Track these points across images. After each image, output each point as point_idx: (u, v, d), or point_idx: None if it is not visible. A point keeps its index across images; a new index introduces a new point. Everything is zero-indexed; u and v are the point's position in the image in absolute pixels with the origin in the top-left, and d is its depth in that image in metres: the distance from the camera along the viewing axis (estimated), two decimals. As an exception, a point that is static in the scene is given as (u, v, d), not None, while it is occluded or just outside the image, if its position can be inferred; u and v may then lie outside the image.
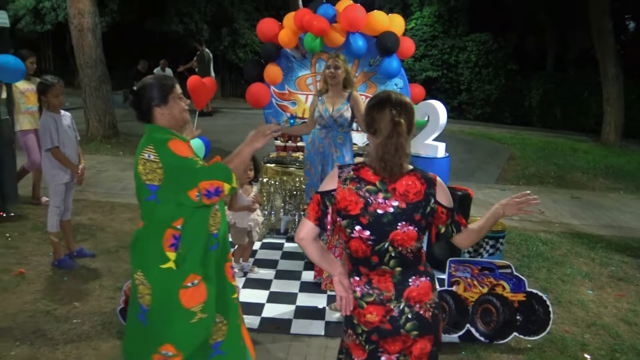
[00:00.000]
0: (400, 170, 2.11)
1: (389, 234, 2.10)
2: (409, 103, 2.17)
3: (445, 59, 18.64)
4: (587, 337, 4.01)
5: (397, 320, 2.13)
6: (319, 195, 2.17)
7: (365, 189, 2.10)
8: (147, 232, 2.60)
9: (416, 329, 2.15)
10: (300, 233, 2.18)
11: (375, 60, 6.15)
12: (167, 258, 2.54)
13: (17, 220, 5.83)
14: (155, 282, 2.56)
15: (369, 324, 2.16)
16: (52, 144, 4.50)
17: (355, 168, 2.16)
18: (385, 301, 2.14)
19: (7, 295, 4.19)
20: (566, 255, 5.71)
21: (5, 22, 6.14)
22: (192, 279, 2.58)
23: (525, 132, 15.16)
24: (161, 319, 2.58)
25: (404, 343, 2.16)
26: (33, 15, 17.38)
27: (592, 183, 9.37)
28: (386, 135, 2.08)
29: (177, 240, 2.54)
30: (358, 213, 2.09)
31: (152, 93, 2.57)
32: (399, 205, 2.09)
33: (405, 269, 2.16)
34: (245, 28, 19.00)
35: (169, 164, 2.46)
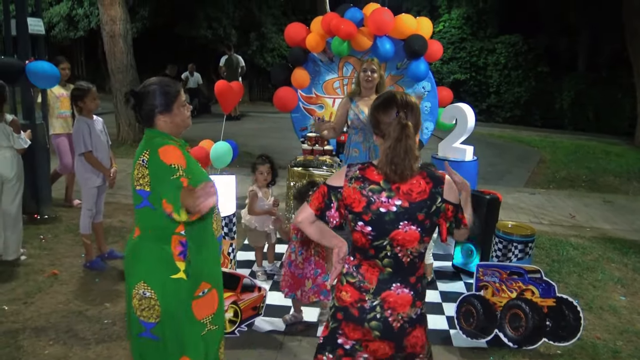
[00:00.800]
0: (412, 172, 2.10)
1: (390, 233, 2.11)
2: (415, 103, 2.17)
3: (473, 61, 18.48)
4: (619, 344, 3.93)
5: (365, 312, 2.17)
6: (325, 187, 2.21)
7: (369, 188, 2.12)
8: (148, 240, 2.47)
9: (378, 331, 2.17)
10: (298, 217, 2.23)
11: (402, 63, 6.14)
12: (177, 268, 2.44)
13: (50, 223, 5.97)
14: (164, 292, 2.43)
15: (340, 300, 2.23)
16: (85, 148, 4.61)
17: (362, 167, 2.18)
18: (362, 290, 2.18)
19: (41, 296, 4.29)
20: (598, 260, 5.60)
21: (40, 30, 6.30)
22: (203, 288, 2.53)
23: (556, 135, 14.93)
24: (175, 331, 2.47)
25: (363, 335, 2.20)
26: (67, 22, 17.82)
27: (625, 187, 9.18)
28: (395, 138, 2.08)
29: (184, 247, 2.45)
30: (360, 211, 2.12)
31: (155, 100, 2.45)
32: (402, 204, 2.10)
33: (395, 272, 2.16)
34: (272, 32, 19.14)
35: (154, 171, 2.36)
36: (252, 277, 4.63)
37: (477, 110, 5.23)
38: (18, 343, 3.60)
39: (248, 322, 3.89)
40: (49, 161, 6.27)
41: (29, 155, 5.35)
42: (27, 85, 5.87)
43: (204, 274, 2.53)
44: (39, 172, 6.04)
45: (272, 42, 19.24)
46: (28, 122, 5.91)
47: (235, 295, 3.80)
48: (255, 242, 4.78)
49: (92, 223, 4.85)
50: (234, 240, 4.69)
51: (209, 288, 2.56)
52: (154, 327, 2.46)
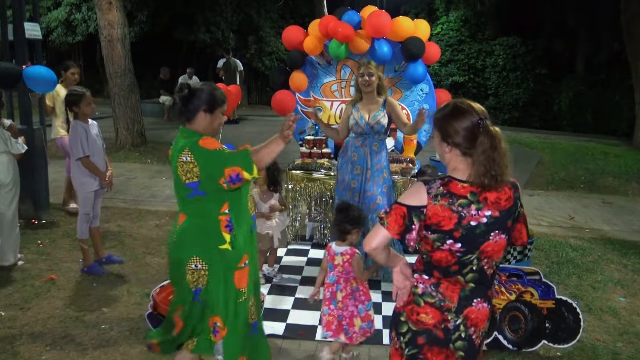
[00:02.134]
0: (509, 175, 2.05)
1: (480, 246, 2.04)
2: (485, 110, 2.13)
3: (471, 63, 18.51)
4: (619, 346, 3.91)
5: (450, 333, 2.09)
6: (405, 208, 2.05)
7: (458, 203, 2.01)
8: (197, 221, 2.81)
9: (463, 351, 2.11)
10: (372, 242, 2.08)
11: (400, 66, 6.13)
12: (224, 239, 2.79)
13: (48, 228, 5.96)
14: (213, 262, 2.78)
15: (420, 324, 2.12)
16: (83, 153, 4.60)
17: (444, 183, 2.06)
18: (444, 309, 2.09)
19: (38, 301, 4.28)
20: (597, 261, 5.59)
21: (38, 34, 6.30)
22: (245, 260, 2.87)
23: (554, 136, 14.93)
24: (215, 294, 2.81)
25: (446, 357, 2.12)
26: (65, 27, 17.81)
27: (624, 188, 9.17)
28: (489, 146, 2.00)
29: (230, 223, 2.79)
30: (452, 228, 2.01)
31: (204, 98, 2.79)
32: (492, 214, 2.03)
33: (477, 287, 2.09)
34: (271, 36, 19.14)
35: (202, 159, 2.67)
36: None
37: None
38: (15, 349, 3.58)
39: (246, 326, 3.87)
40: (47, 166, 6.26)
41: (26, 160, 5.34)
42: (24, 90, 5.87)
43: (245, 247, 2.87)
44: (36, 176, 6.03)
45: (270, 46, 19.24)
46: (26, 127, 5.90)
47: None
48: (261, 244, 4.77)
49: (89, 228, 4.84)
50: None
51: (248, 260, 2.89)
52: (201, 292, 2.82)
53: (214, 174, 2.68)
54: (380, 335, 3.86)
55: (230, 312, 2.86)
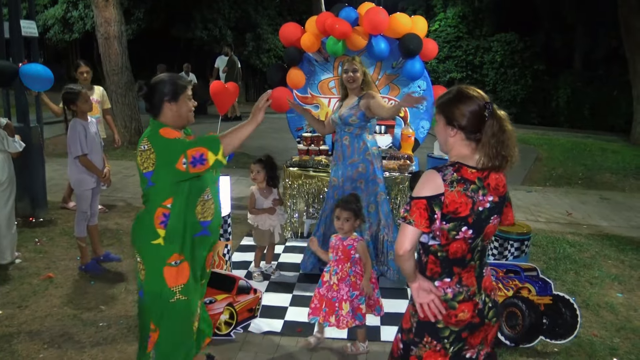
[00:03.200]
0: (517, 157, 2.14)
1: (484, 229, 2.13)
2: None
3: (469, 60, 18.51)
4: (616, 341, 3.92)
5: (482, 311, 2.19)
6: (424, 200, 2.05)
7: (471, 188, 2.08)
8: (143, 213, 2.84)
9: (494, 315, 2.24)
10: (406, 244, 2.07)
11: (398, 62, 6.12)
12: (158, 234, 2.75)
13: (46, 226, 5.95)
14: (146, 257, 2.80)
15: (461, 322, 2.16)
16: (82, 151, 4.59)
17: (456, 169, 2.09)
18: (472, 296, 2.17)
19: (36, 299, 4.27)
20: (595, 257, 5.60)
21: (34, 32, 6.28)
22: (175, 259, 2.79)
23: (552, 132, 14.94)
24: (150, 293, 2.81)
25: (485, 332, 2.22)
26: (61, 25, 17.78)
27: (621, 184, 9.18)
28: (499, 128, 2.08)
29: (166, 218, 2.74)
30: (467, 214, 2.06)
31: (165, 88, 2.78)
32: (494, 199, 2.12)
33: (481, 260, 2.21)
34: (268, 33, 19.12)
35: (159, 146, 2.67)
36: (248, 277, 4.62)
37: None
38: (12, 347, 3.58)
39: (244, 324, 3.88)
40: (44, 164, 6.25)
41: (23, 158, 5.33)
42: (21, 88, 5.85)
43: (177, 246, 2.78)
44: (33, 175, 6.02)
45: (267, 43, 19.22)
46: (22, 125, 5.89)
47: (231, 297, 3.78)
48: (259, 241, 4.78)
49: (87, 226, 4.83)
50: (229, 241, 4.67)
51: (181, 260, 2.81)
52: (141, 288, 2.85)
53: (170, 159, 2.63)
54: (377, 331, 3.87)
55: (163, 313, 2.79)
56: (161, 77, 2.84)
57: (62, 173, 7.86)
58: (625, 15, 13.02)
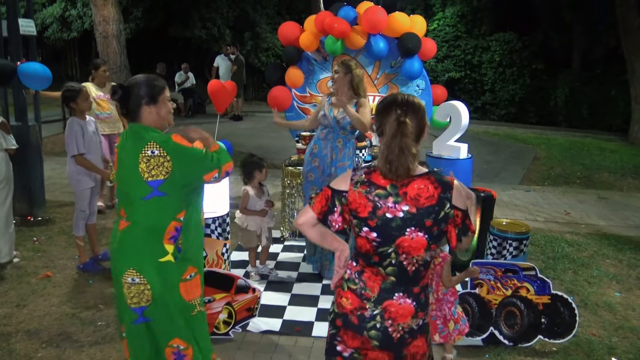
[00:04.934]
0: (406, 172, 2.03)
1: (396, 239, 2.04)
2: (417, 103, 2.11)
3: (468, 59, 18.50)
4: (614, 341, 3.93)
5: (364, 320, 2.12)
6: (330, 191, 2.16)
7: (375, 193, 2.06)
8: (141, 227, 2.56)
9: (378, 341, 2.11)
10: (300, 219, 2.20)
11: (396, 61, 6.13)
12: (166, 251, 2.57)
13: (44, 225, 5.94)
14: (153, 276, 2.55)
15: (340, 306, 2.18)
16: (77, 150, 4.57)
17: (367, 172, 2.12)
18: (364, 297, 2.13)
19: (34, 298, 4.27)
20: (593, 257, 5.60)
21: (32, 31, 6.26)
22: (190, 272, 2.67)
23: (550, 132, 14.95)
24: (165, 313, 2.62)
25: (362, 344, 2.15)
26: (60, 23, 17.74)
27: (619, 183, 9.19)
28: (390, 135, 2.04)
29: (177, 232, 2.59)
30: (366, 216, 2.06)
31: (142, 91, 2.59)
32: (409, 209, 2.02)
33: (398, 281, 2.10)
34: (267, 32, 19.09)
35: (180, 155, 2.52)
36: (246, 277, 4.62)
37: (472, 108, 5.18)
38: (10, 346, 3.58)
39: (242, 323, 3.88)
40: (42, 163, 6.23)
41: (21, 157, 5.32)
42: (19, 86, 5.84)
43: (191, 258, 2.68)
44: (32, 173, 6.01)
45: (266, 42, 19.19)
46: (21, 124, 5.88)
47: (230, 297, 3.78)
48: (247, 242, 4.74)
49: (85, 225, 4.83)
50: (228, 240, 4.66)
51: (195, 272, 2.70)
52: (146, 310, 2.59)
53: (196, 170, 2.56)
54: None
55: (188, 329, 2.70)
56: (136, 79, 2.64)
57: (60, 172, 7.85)
58: (624, 15, 13.03)
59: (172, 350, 2.68)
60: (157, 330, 2.65)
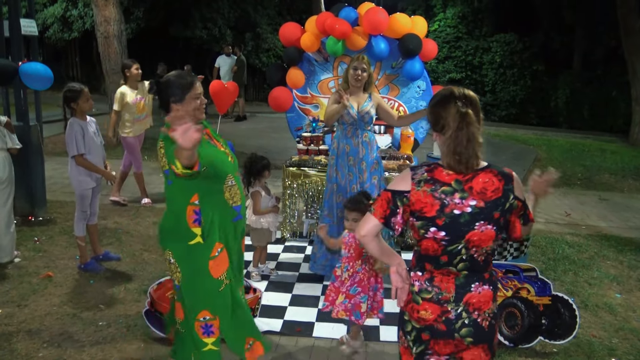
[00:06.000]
0: (477, 161, 2.06)
1: (466, 235, 2.04)
2: (474, 95, 2.13)
3: (469, 60, 18.50)
4: (615, 342, 3.93)
5: (452, 323, 2.10)
6: (389, 193, 2.11)
7: (441, 190, 2.04)
8: (170, 214, 2.86)
9: (471, 336, 2.11)
10: (362, 229, 2.13)
11: (397, 62, 6.13)
12: (194, 234, 2.77)
13: (45, 225, 5.94)
14: (183, 259, 2.80)
15: (422, 320, 2.13)
16: (78, 151, 4.57)
17: (429, 169, 2.10)
18: (442, 301, 2.10)
19: (35, 298, 4.27)
20: (593, 258, 5.61)
21: (34, 31, 6.28)
22: (217, 248, 2.83)
23: (551, 133, 14.95)
24: (194, 291, 2.84)
25: (456, 347, 2.13)
26: (61, 24, 17.75)
27: (620, 184, 9.20)
28: (455, 127, 2.03)
29: (198, 215, 2.76)
30: (434, 215, 2.04)
31: (170, 90, 2.79)
32: (477, 204, 2.03)
33: (471, 273, 2.11)
34: (268, 32, 19.10)
35: (166, 146, 2.68)
36: (246, 277, 4.62)
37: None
38: (12, 346, 3.58)
39: (243, 323, 3.87)
40: (43, 163, 6.24)
41: (23, 157, 5.33)
42: (20, 87, 5.85)
43: (217, 236, 2.82)
44: (33, 173, 6.02)
45: (267, 42, 19.20)
46: (22, 124, 5.89)
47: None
48: (259, 241, 4.77)
49: (86, 225, 4.83)
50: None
51: (222, 247, 2.84)
52: (178, 290, 2.89)
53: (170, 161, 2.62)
54: (377, 331, 3.88)
55: (216, 302, 2.87)
56: (168, 77, 2.85)
57: (61, 172, 7.86)
58: (624, 16, 13.04)
59: (199, 324, 2.85)
60: (187, 306, 2.87)
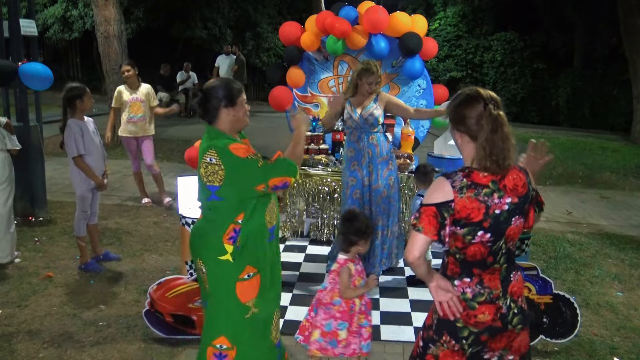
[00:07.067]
0: (512, 161, 2.08)
1: (505, 232, 2.09)
2: (498, 96, 2.14)
3: (469, 59, 18.49)
4: (616, 341, 3.92)
5: (506, 316, 2.14)
6: (434, 207, 2.04)
7: (483, 192, 2.04)
8: (208, 225, 2.73)
9: (520, 323, 2.18)
10: (415, 251, 2.06)
11: (397, 61, 6.12)
12: (225, 250, 2.66)
13: (45, 225, 5.94)
14: (214, 272, 2.70)
15: (480, 324, 2.12)
16: (77, 152, 4.56)
17: (466, 174, 2.08)
18: (494, 299, 2.13)
19: (35, 298, 4.27)
20: (595, 256, 5.59)
21: (33, 31, 6.27)
22: (249, 271, 2.70)
23: (552, 131, 14.93)
24: (217, 309, 2.72)
25: (508, 338, 2.18)
26: (61, 24, 17.74)
27: (622, 183, 9.18)
28: (489, 130, 2.02)
29: (236, 234, 2.66)
30: (481, 219, 2.04)
31: (220, 94, 2.69)
32: (512, 200, 2.08)
33: (509, 264, 2.16)
34: (268, 32, 19.10)
35: (232, 165, 2.59)
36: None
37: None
38: (12, 347, 3.58)
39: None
40: (43, 163, 6.24)
41: (23, 157, 5.32)
42: (20, 87, 5.84)
43: (250, 258, 2.70)
44: (33, 174, 6.02)
45: (267, 42, 19.20)
46: (22, 125, 5.88)
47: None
48: None
49: (86, 225, 4.83)
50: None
51: (254, 272, 2.71)
52: (204, 301, 2.80)
53: (247, 182, 2.61)
54: (378, 330, 3.87)
55: (237, 330, 2.70)
56: (215, 82, 2.76)
57: (61, 172, 7.86)
58: (625, 14, 13.02)
59: (213, 351, 2.71)
60: (208, 323, 2.77)
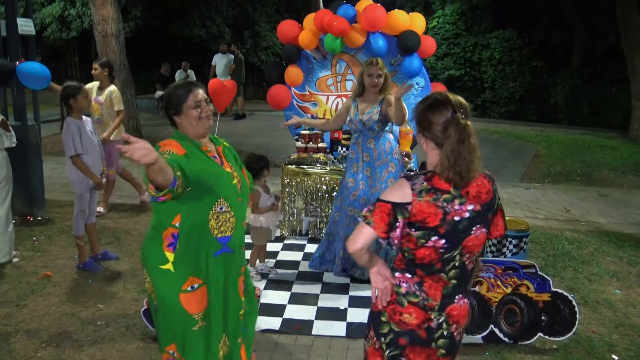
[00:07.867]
0: (476, 173, 1.98)
1: (462, 241, 2.01)
2: (467, 104, 2.07)
3: (468, 57, 18.45)
4: (614, 338, 3.92)
5: (433, 331, 2.07)
6: (389, 205, 1.97)
7: (442, 198, 1.97)
8: (151, 231, 2.59)
9: (445, 348, 2.10)
10: (357, 243, 2.01)
11: (396, 59, 6.11)
12: (166, 259, 2.49)
13: (43, 224, 5.94)
14: (156, 282, 2.54)
15: (403, 324, 2.07)
16: (75, 151, 4.55)
17: (427, 178, 2.00)
18: (427, 308, 2.05)
19: (34, 298, 4.27)
20: (593, 254, 5.60)
21: (31, 30, 6.25)
22: (192, 283, 2.53)
23: (551, 129, 14.94)
24: (164, 319, 2.57)
25: (427, 357, 2.10)
26: (59, 23, 17.74)
27: (620, 180, 9.18)
28: (456, 140, 1.94)
29: (175, 239, 2.48)
30: (437, 224, 1.96)
31: (168, 103, 2.61)
32: (474, 208, 2.00)
33: (459, 282, 2.06)
34: (266, 30, 19.09)
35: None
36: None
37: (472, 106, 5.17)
38: (10, 346, 3.58)
39: (242, 321, 3.86)
40: (42, 162, 6.23)
41: (21, 156, 5.32)
42: (18, 86, 5.83)
43: (191, 268, 2.52)
44: (31, 173, 6.01)
45: (266, 40, 19.19)
46: (20, 124, 5.87)
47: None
48: (259, 240, 4.75)
49: (85, 224, 4.82)
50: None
51: (199, 284, 2.54)
52: (154, 311, 2.64)
53: None
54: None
55: (186, 341, 2.55)
56: (167, 89, 2.67)
57: (60, 171, 7.86)
58: (624, 13, 13.02)
59: (167, 356, 2.61)
60: (160, 331, 2.63)
